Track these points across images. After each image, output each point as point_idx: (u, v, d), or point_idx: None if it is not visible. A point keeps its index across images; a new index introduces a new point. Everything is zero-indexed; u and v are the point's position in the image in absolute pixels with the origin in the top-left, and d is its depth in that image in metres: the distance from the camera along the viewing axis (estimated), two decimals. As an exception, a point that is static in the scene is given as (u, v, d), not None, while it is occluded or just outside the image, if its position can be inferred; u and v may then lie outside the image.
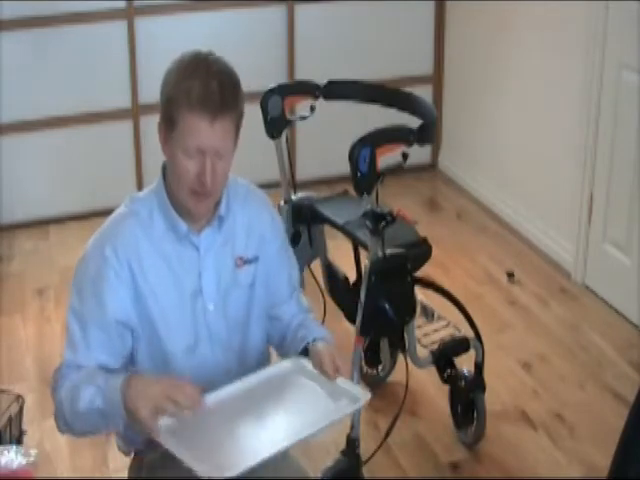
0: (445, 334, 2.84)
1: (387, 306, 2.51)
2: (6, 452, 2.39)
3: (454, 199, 4.63)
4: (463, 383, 2.83)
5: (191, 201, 1.87)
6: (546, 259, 3.99)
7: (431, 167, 4.96)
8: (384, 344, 3.04)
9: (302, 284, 3.09)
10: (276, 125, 2.77)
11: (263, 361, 2.08)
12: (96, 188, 4.38)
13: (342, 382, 1.90)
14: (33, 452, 2.48)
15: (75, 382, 1.83)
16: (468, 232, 4.29)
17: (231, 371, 1.98)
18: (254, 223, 2.01)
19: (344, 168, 2.42)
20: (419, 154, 4.87)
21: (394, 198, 2.55)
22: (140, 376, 1.82)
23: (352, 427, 2.57)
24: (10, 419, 2.69)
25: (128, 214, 1.93)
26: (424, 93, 4.81)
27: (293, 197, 2.90)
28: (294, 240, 2.90)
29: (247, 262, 1.99)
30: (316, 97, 2.83)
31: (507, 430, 2.95)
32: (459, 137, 4.79)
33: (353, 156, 2.36)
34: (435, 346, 2.78)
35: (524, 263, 3.98)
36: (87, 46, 4.28)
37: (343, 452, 2.60)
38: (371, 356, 3.13)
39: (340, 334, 3.23)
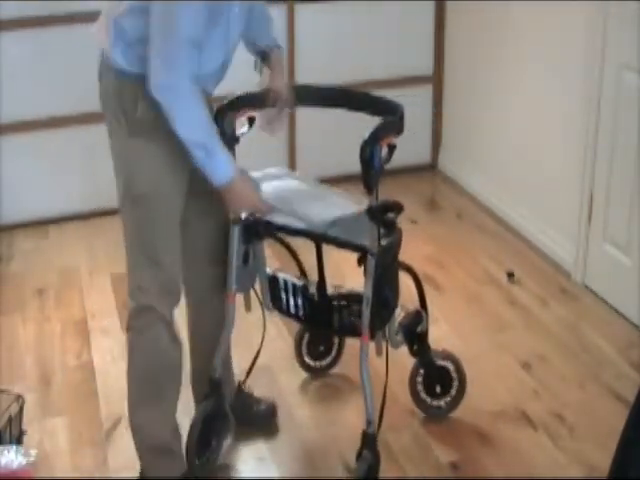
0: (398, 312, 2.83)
1: (390, 295, 2.55)
2: (6, 452, 2.40)
3: (454, 199, 4.63)
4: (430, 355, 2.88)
5: None
6: (546, 259, 3.99)
7: (431, 167, 4.96)
8: (331, 334, 3.08)
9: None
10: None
11: None
12: (96, 188, 4.37)
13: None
14: (33, 452, 2.49)
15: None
16: (468, 232, 4.28)
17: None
18: None
19: (344, 168, 2.43)
20: (419, 154, 4.88)
21: (394, 198, 2.55)
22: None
23: (369, 423, 2.57)
24: (10, 419, 2.69)
25: None
26: (424, 93, 4.82)
27: None
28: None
29: None
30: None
31: (507, 430, 2.95)
32: (459, 137, 4.79)
33: (366, 153, 2.35)
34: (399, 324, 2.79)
35: (524, 263, 3.98)
36: (87, 46, 4.26)
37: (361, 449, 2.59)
38: (314, 349, 3.17)
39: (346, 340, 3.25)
